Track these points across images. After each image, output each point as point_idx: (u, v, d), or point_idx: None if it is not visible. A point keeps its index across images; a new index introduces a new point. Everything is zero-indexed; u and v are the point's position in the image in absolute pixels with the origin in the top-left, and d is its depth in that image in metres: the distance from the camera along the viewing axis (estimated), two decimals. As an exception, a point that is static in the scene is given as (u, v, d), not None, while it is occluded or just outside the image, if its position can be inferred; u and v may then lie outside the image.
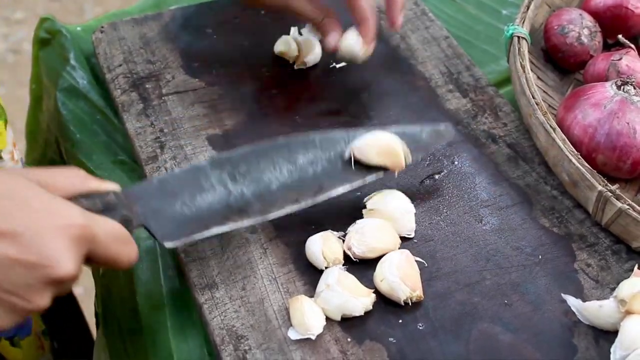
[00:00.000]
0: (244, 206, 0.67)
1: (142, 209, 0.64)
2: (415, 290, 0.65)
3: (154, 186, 0.67)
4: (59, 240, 0.54)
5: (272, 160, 0.70)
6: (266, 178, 0.69)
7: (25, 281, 0.53)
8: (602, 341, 0.64)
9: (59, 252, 0.54)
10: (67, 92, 0.88)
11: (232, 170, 0.69)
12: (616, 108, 0.74)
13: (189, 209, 0.66)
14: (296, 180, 0.70)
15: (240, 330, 0.64)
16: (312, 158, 0.71)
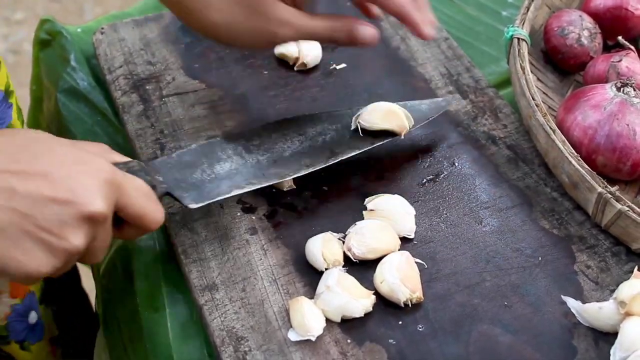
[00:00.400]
0: (261, 170, 0.71)
1: (164, 177, 0.67)
2: (415, 292, 0.65)
3: (174, 159, 0.70)
4: (89, 180, 0.56)
5: (282, 133, 0.74)
6: (279, 148, 0.73)
7: (59, 218, 0.55)
8: (602, 343, 0.64)
9: (90, 190, 0.56)
10: (67, 93, 0.88)
11: (246, 142, 0.73)
12: (616, 110, 0.74)
13: (208, 176, 0.69)
14: (307, 147, 0.74)
15: (240, 332, 0.64)
16: (320, 130, 0.75)
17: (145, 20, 0.93)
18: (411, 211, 0.72)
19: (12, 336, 0.81)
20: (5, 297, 0.77)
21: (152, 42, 0.90)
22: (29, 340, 0.83)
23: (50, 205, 0.54)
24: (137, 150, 0.78)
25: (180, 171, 0.69)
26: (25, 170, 0.55)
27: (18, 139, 0.58)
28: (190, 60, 0.88)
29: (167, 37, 0.91)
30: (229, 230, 0.71)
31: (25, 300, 0.80)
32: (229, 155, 0.71)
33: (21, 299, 0.79)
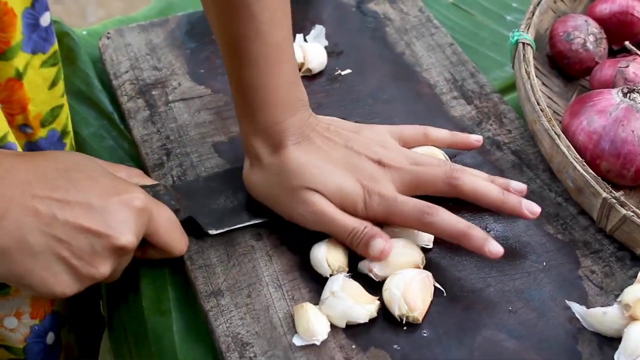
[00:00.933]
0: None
1: (188, 202, 0.70)
2: (414, 311, 0.64)
3: (200, 183, 0.73)
4: (123, 212, 0.61)
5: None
6: None
7: (91, 247, 0.59)
8: (606, 348, 0.64)
9: (123, 224, 0.60)
10: (74, 96, 0.89)
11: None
12: (621, 115, 0.74)
13: (231, 203, 0.72)
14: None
15: (245, 338, 0.64)
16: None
17: (151, 25, 0.93)
18: None
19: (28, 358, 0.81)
20: (25, 319, 0.78)
21: (157, 48, 0.91)
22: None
23: (85, 235, 0.59)
24: (143, 155, 0.79)
25: (205, 197, 0.71)
26: (66, 198, 0.58)
27: (60, 163, 0.61)
28: (196, 66, 0.88)
29: (172, 42, 0.91)
30: (234, 236, 0.71)
31: (44, 322, 0.80)
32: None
33: (40, 320, 0.79)
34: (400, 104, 0.85)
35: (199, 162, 0.78)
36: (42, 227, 0.57)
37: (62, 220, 0.58)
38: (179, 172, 0.77)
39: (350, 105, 0.84)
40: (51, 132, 0.75)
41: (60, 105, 0.75)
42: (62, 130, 0.76)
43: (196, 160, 0.78)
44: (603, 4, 0.89)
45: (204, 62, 0.89)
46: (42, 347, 0.81)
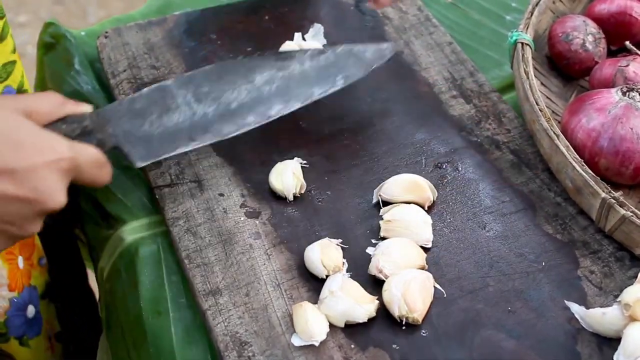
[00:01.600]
0: (207, 125, 0.72)
1: (114, 129, 0.69)
2: (414, 312, 0.64)
3: (124, 106, 0.71)
4: (51, 175, 0.60)
5: (231, 79, 0.75)
6: (226, 98, 0.74)
7: (21, 213, 0.59)
8: (606, 348, 0.64)
9: (52, 187, 0.60)
10: (71, 97, 0.87)
11: (196, 89, 0.73)
12: (620, 113, 0.74)
13: (157, 129, 0.71)
14: (254, 99, 0.75)
15: (244, 337, 0.64)
16: (268, 77, 0.76)
17: (149, 24, 0.93)
18: (428, 220, 0.72)
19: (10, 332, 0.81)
20: (3, 290, 0.78)
21: (155, 46, 0.90)
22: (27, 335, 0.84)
23: (14, 203, 0.58)
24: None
25: (130, 121, 0.70)
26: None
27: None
28: (194, 64, 0.88)
29: (170, 41, 0.91)
30: (232, 234, 0.71)
31: (23, 294, 0.81)
32: (177, 104, 0.72)
33: (19, 292, 0.79)
34: (399, 103, 0.84)
35: (197, 160, 0.78)
36: None
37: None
38: (177, 170, 0.77)
39: (349, 104, 0.84)
40: (7, 88, 0.76)
41: (12, 62, 0.76)
42: (18, 88, 0.77)
43: (194, 158, 0.78)
44: (601, 4, 0.89)
45: (202, 61, 0.89)
46: (23, 321, 0.82)
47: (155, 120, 0.71)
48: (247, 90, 0.74)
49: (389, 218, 0.71)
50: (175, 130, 0.71)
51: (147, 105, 0.71)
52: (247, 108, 0.74)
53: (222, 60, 0.87)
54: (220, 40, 0.91)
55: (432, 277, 0.67)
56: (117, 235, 0.76)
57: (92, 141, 0.67)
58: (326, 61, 0.78)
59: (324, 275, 0.67)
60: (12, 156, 0.59)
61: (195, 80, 0.73)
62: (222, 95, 0.73)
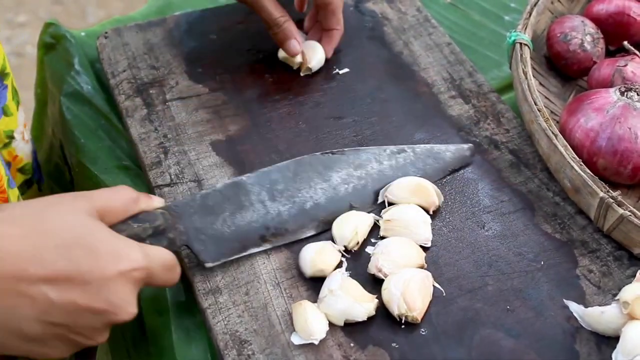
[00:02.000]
0: (280, 226, 0.70)
1: (184, 227, 0.67)
2: (413, 311, 0.64)
3: (197, 202, 0.69)
4: (124, 286, 0.58)
5: (307, 176, 0.73)
6: (302, 197, 0.72)
7: (91, 325, 0.57)
8: (604, 347, 0.64)
9: (124, 299, 0.58)
10: (71, 97, 0.88)
11: (270, 186, 0.72)
12: (619, 113, 0.74)
13: (229, 228, 0.69)
14: (329, 199, 0.73)
15: (243, 335, 0.64)
16: (344, 177, 0.74)
17: (149, 24, 0.93)
18: (427, 220, 0.72)
19: None
20: None
21: (155, 47, 0.90)
22: None
23: (85, 314, 0.56)
24: (141, 154, 0.79)
25: (202, 219, 0.68)
26: (64, 278, 0.55)
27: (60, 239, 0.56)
28: (194, 65, 0.88)
29: (170, 41, 0.91)
30: (232, 234, 0.71)
31: None
32: (251, 202, 0.70)
33: None
34: (398, 103, 0.85)
35: (197, 160, 0.78)
36: (38, 316, 0.55)
37: (59, 304, 0.55)
38: (177, 170, 0.77)
39: (348, 104, 0.84)
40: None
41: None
42: (0, 71, 0.76)
43: (194, 158, 0.78)
44: (600, 4, 0.90)
45: (202, 61, 0.89)
46: None
47: (227, 218, 0.69)
48: (323, 190, 0.73)
49: (388, 217, 0.71)
50: (247, 230, 0.69)
51: (221, 202, 0.70)
52: (321, 209, 0.72)
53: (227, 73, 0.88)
54: (220, 41, 0.91)
55: (431, 276, 0.67)
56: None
57: (164, 241, 0.65)
58: (404, 161, 0.76)
59: (308, 274, 0.68)
60: (87, 264, 0.56)
61: (271, 176, 0.72)
62: (298, 194, 0.72)
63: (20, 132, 0.88)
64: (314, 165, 0.74)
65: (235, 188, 0.71)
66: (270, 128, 0.82)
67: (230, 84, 0.86)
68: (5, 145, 0.87)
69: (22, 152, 0.89)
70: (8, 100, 0.84)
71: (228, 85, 0.86)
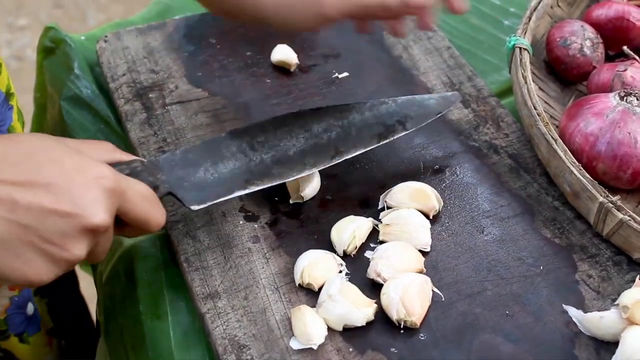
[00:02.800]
0: (265, 170, 0.70)
1: (167, 176, 0.67)
2: (412, 316, 0.64)
3: (177, 157, 0.69)
4: (91, 190, 0.56)
5: (287, 129, 0.73)
6: (283, 145, 0.72)
7: (61, 229, 0.55)
8: (603, 352, 0.64)
9: (91, 201, 0.56)
10: (71, 101, 0.88)
11: (251, 139, 0.71)
12: (618, 118, 0.74)
13: (211, 175, 0.69)
14: (312, 145, 0.73)
15: (242, 340, 0.64)
16: (325, 126, 0.74)
17: (149, 28, 0.93)
18: (427, 224, 0.72)
19: (11, 329, 0.81)
20: (4, 290, 0.78)
21: (155, 51, 0.91)
22: (27, 331, 0.84)
23: (52, 217, 0.54)
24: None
25: (183, 169, 0.68)
26: (28, 180, 0.54)
27: (21, 146, 0.57)
28: (193, 69, 0.88)
29: (170, 45, 0.91)
30: (231, 238, 0.72)
31: (23, 292, 0.81)
32: (232, 152, 0.71)
33: (19, 291, 0.79)
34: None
35: (196, 164, 0.78)
36: (4, 214, 0.53)
37: (25, 205, 0.54)
38: (176, 174, 0.77)
39: (348, 109, 0.84)
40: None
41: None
42: (6, 92, 0.75)
43: (193, 163, 0.78)
44: (599, 9, 0.90)
45: (202, 65, 0.89)
46: (23, 318, 0.82)
47: (209, 167, 0.69)
48: (305, 138, 0.73)
49: (387, 222, 0.71)
50: (231, 176, 0.69)
51: (201, 154, 0.70)
52: (306, 154, 0.72)
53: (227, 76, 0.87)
54: (219, 45, 0.91)
55: (430, 280, 0.67)
56: (116, 239, 0.76)
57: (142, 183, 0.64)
58: (387, 110, 0.76)
59: (297, 282, 0.67)
60: (50, 170, 0.56)
61: (250, 131, 0.72)
62: (279, 143, 0.72)
63: None
64: (293, 119, 0.74)
65: (214, 143, 0.71)
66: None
67: (229, 88, 0.86)
68: None
69: None
70: (14, 122, 0.84)
71: (227, 89, 0.86)
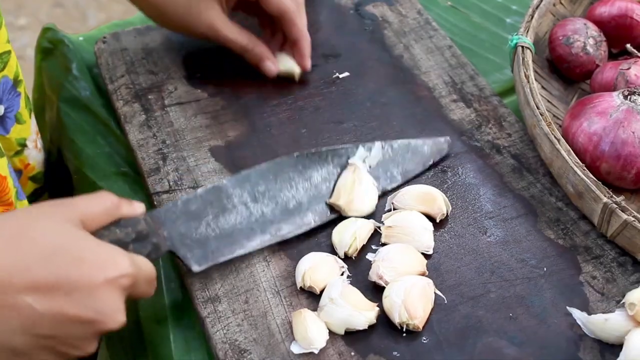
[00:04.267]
0: (265, 225, 0.70)
1: (168, 233, 0.66)
2: (414, 319, 0.63)
3: (179, 209, 0.68)
4: (112, 294, 0.56)
5: (288, 177, 0.72)
6: (284, 196, 0.72)
7: (80, 335, 0.56)
8: (608, 355, 0.64)
9: (112, 308, 0.56)
10: (69, 103, 0.88)
11: (252, 188, 0.71)
12: (622, 117, 0.73)
13: (213, 231, 0.68)
14: (313, 197, 0.73)
15: (243, 344, 0.64)
16: (325, 174, 0.74)
17: (147, 29, 0.93)
18: (429, 226, 0.71)
19: None
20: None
21: (154, 51, 0.90)
22: None
23: (74, 325, 0.55)
24: (139, 160, 0.78)
25: (185, 224, 0.67)
26: (50, 286, 0.54)
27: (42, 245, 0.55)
28: (193, 70, 0.88)
29: (169, 46, 0.91)
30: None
31: None
32: (234, 204, 0.70)
33: None
34: (399, 107, 0.84)
35: (195, 166, 0.77)
36: (25, 328, 0.53)
37: (46, 315, 0.53)
38: (175, 176, 0.76)
39: (348, 109, 0.84)
40: (4, 79, 0.75)
41: (7, 52, 0.74)
42: (14, 78, 0.76)
43: (192, 164, 0.77)
44: (602, 6, 0.89)
45: (200, 66, 0.88)
46: None
47: (211, 222, 0.68)
48: (305, 189, 0.73)
49: (390, 224, 0.70)
50: (232, 232, 0.69)
51: (202, 206, 0.68)
52: (305, 208, 0.72)
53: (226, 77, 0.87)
54: (218, 45, 0.90)
55: (432, 283, 0.66)
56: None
57: (147, 246, 0.63)
58: (384, 157, 0.76)
59: (299, 286, 0.67)
60: (73, 272, 0.55)
61: (251, 179, 0.71)
62: (279, 194, 0.71)
63: (33, 140, 0.88)
64: (293, 165, 0.73)
65: (216, 192, 0.70)
66: (270, 133, 0.81)
67: (229, 89, 0.86)
68: (18, 153, 0.86)
69: (35, 161, 0.89)
70: (21, 108, 0.84)
71: (227, 90, 0.86)
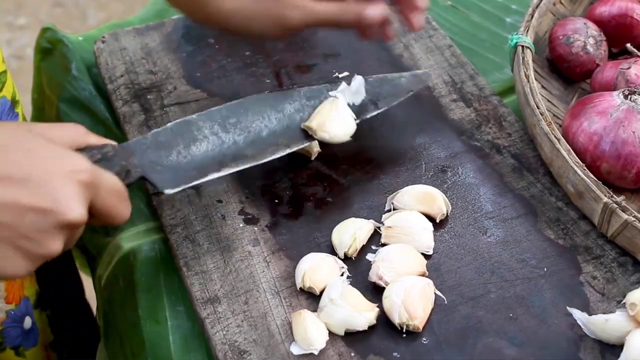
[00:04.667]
0: (238, 151, 0.69)
1: (139, 160, 0.66)
2: (414, 320, 0.63)
3: (149, 140, 0.68)
4: (68, 185, 0.55)
5: (259, 110, 0.72)
6: (256, 126, 0.71)
7: (38, 226, 0.53)
8: (609, 355, 0.63)
9: (69, 197, 0.54)
10: (69, 103, 0.88)
11: (223, 121, 0.70)
12: (622, 117, 0.73)
13: (184, 158, 0.68)
14: (285, 126, 0.73)
15: (242, 345, 0.63)
16: (298, 107, 0.74)
17: (147, 28, 0.93)
18: (429, 227, 0.71)
19: (7, 342, 0.81)
20: (0, 303, 0.77)
21: (153, 51, 0.90)
22: (23, 345, 0.83)
23: (29, 214, 0.53)
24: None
25: (156, 152, 0.67)
26: (3, 176, 0.53)
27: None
28: (192, 69, 0.88)
29: (168, 45, 0.90)
30: (231, 241, 0.71)
31: (20, 306, 0.80)
32: (205, 135, 0.69)
33: (16, 305, 0.79)
34: (398, 107, 0.83)
35: (195, 167, 0.77)
36: None
37: (1, 202, 0.52)
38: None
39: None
40: (2, 100, 0.73)
41: (4, 72, 0.73)
42: (12, 99, 0.75)
43: (192, 165, 0.77)
44: (602, 6, 0.89)
45: (200, 66, 0.88)
46: (20, 332, 0.81)
47: (182, 150, 0.68)
48: (278, 119, 0.72)
49: (389, 224, 0.70)
50: (204, 158, 0.69)
51: (173, 137, 0.68)
52: (278, 135, 0.72)
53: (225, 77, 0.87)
54: (218, 45, 0.90)
55: (432, 283, 0.66)
56: (114, 243, 0.76)
57: (114, 168, 0.62)
58: (365, 91, 0.76)
59: (299, 286, 0.67)
60: (26, 164, 0.54)
61: (222, 112, 0.71)
62: (252, 124, 0.71)
63: None
64: (265, 100, 0.73)
65: (186, 124, 0.70)
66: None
67: (228, 89, 0.85)
68: None
69: None
70: None
71: (226, 89, 0.85)
